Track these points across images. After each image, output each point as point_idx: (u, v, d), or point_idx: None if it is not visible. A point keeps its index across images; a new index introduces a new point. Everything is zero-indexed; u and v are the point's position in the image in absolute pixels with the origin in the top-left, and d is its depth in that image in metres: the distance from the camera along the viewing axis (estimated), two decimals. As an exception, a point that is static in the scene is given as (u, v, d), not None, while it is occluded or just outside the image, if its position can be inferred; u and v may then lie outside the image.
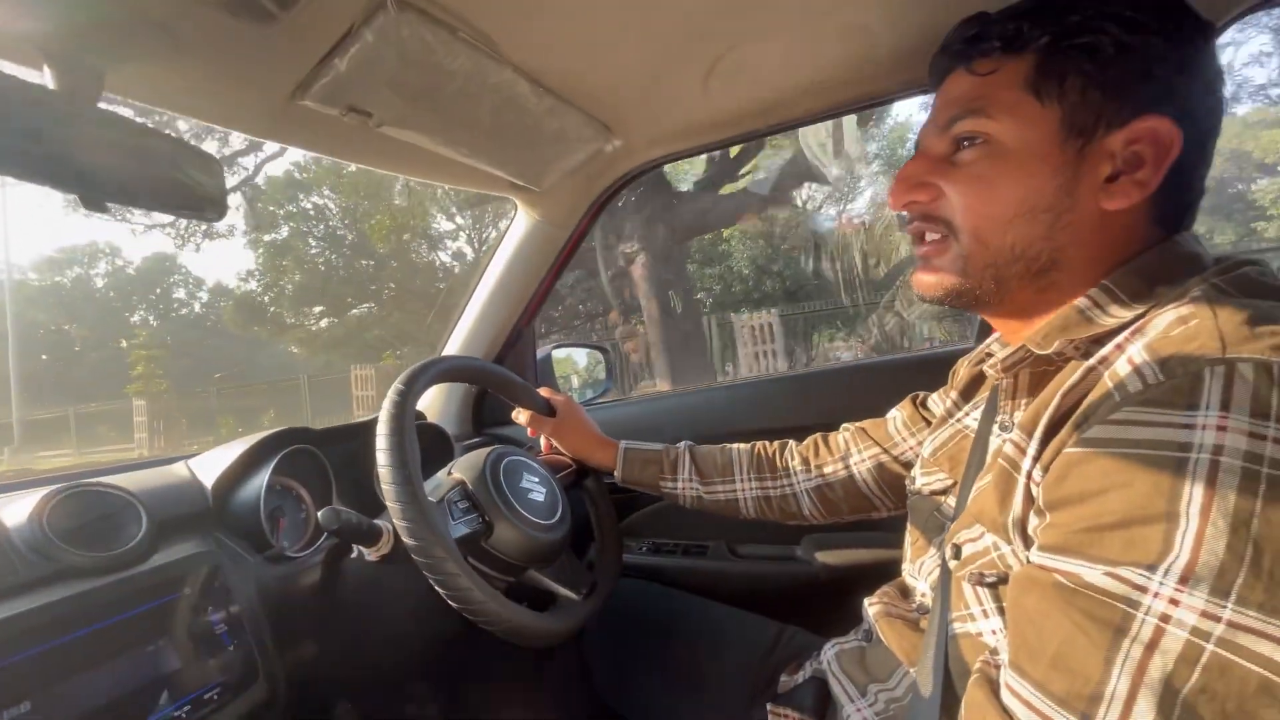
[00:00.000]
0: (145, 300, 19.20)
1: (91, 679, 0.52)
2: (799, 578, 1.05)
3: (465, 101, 0.70)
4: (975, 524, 0.46)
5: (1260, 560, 0.28)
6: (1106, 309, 0.43)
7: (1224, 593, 0.29)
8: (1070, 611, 0.33)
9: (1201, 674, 0.29)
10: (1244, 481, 0.29)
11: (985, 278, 0.48)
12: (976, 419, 0.59)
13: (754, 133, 0.92)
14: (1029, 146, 0.45)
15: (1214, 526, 0.29)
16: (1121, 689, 0.30)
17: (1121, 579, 0.32)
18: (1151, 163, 0.42)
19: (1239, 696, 0.28)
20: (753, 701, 0.77)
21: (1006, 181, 0.46)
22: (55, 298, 18.79)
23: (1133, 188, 0.43)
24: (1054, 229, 0.45)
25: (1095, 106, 0.43)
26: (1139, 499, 0.32)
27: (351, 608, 0.75)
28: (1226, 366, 0.32)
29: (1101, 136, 0.43)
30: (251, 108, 0.64)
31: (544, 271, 1.14)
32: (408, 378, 0.69)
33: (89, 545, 0.58)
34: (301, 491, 0.87)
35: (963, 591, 0.47)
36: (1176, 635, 0.29)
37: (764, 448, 0.87)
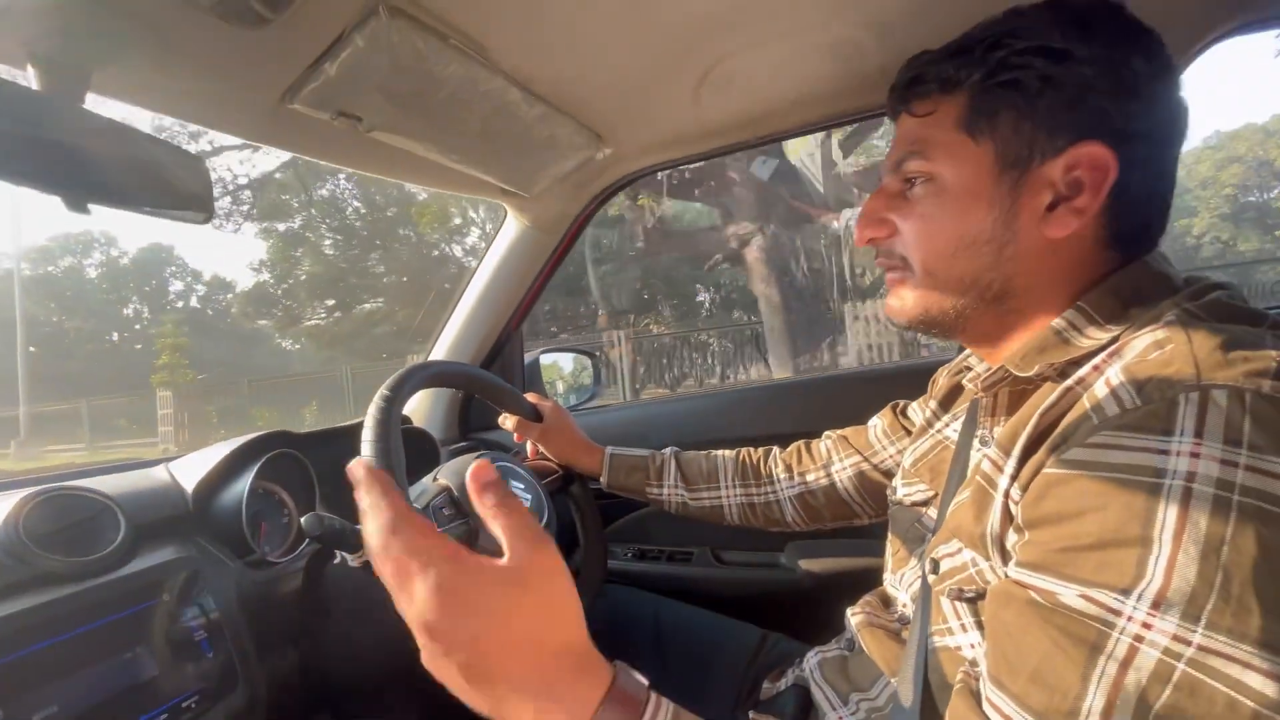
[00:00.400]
0: (163, 291, 18.89)
1: (67, 686, 0.51)
2: (783, 584, 1.05)
3: (456, 108, 0.70)
4: (953, 539, 0.47)
5: (1229, 586, 0.29)
6: (1083, 331, 0.43)
7: (1194, 618, 0.29)
8: (1048, 629, 0.34)
9: (1173, 692, 0.29)
10: (1215, 508, 0.30)
11: (942, 307, 0.50)
12: (956, 430, 0.60)
13: (744, 143, 0.93)
14: (965, 183, 0.47)
15: (1185, 554, 0.30)
16: (1098, 705, 0.31)
17: (1096, 601, 0.32)
18: (1089, 188, 0.43)
19: (1207, 715, 0.29)
20: (736, 707, 0.77)
21: (947, 218, 0.48)
22: (55, 288, 18.41)
23: (1070, 215, 0.44)
24: (999, 260, 0.47)
25: (1027, 138, 0.44)
26: (1114, 522, 0.33)
27: (334, 614, 0.74)
28: (1200, 393, 0.33)
29: (1037, 166, 0.44)
30: (241, 110, 0.64)
31: (532, 277, 1.14)
32: (394, 382, 0.69)
33: (66, 550, 0.57)
34: (284, 496, 0.86)
35: (941, 606, 0.47)
36: (1149, 654, 0.30)
37: (749, 454, 0.87)
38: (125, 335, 19.06)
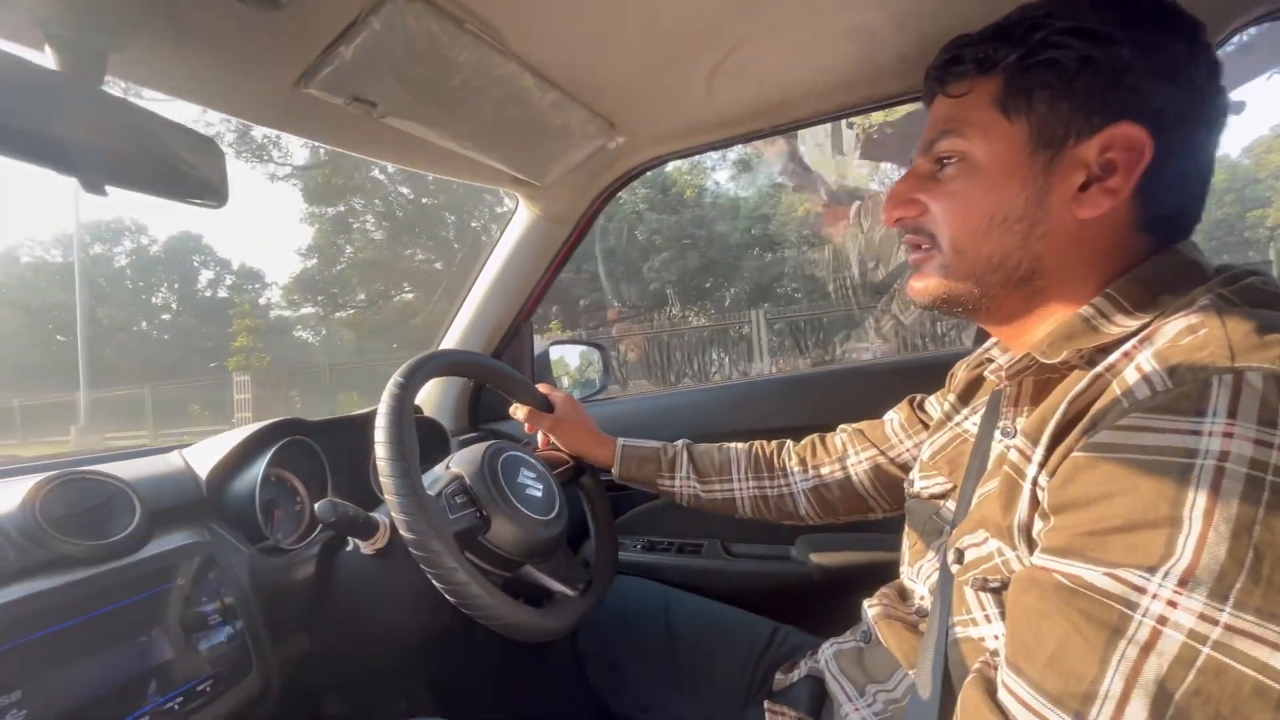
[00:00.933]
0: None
1: (83, 668, 0.51)
2: (793, 578, 1.05)
3: (470, 94, 0.70)
4: (979, 529, 0.46)
5: (1260, 566, 0.29)
6: (1111, 318, 0.43)
7: (1222, 596, 0.29)
8: (1068, 612, 0.33)
9: (1196, 676, 0.29)
10: (1247, 488, 0.30)
11: (968, 286, 0.50)
12: (976, 423, 0.60)
13: (757, 133, 0.92)
14: (998, 161, 0.47)
15: (1216, 532, 0.30)
16: (1116, 689, 0.30)
17: (1121, 580, 0.32)
18: (1123, 170, 0.43)
19: (1233, 699, 0.28)
20: (747, 700, 0.77)
21: (979, 195, 0.48)
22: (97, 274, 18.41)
23: (1103, 196, 0.44)
24: (1029, 238, 0.46)
25: (1063, 118, 0.44)
26: (1143, 503, 0.32)
27: (346, 601, 0.74)
28: (1234, 375, 0.32)
29: (1072, 146, 0.44)
30: (255, 94, 0.64)
31: (543, 267, 1.14)
32: (407, 370, 0.69)
33: (82, 534, 0.58)
34: (296, 484, 0.86)
35: (964, 596, 0.47)
36: (1173, 638, 0.30)
37: (761, 447, 0.87)
38: (160, 321, 19.05)
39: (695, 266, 11.28)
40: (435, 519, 0.59)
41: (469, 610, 0.58)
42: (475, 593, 0.58)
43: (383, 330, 14.34)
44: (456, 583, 0.57)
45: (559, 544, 0.76)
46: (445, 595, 0.58)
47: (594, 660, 0.90)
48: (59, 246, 18.58)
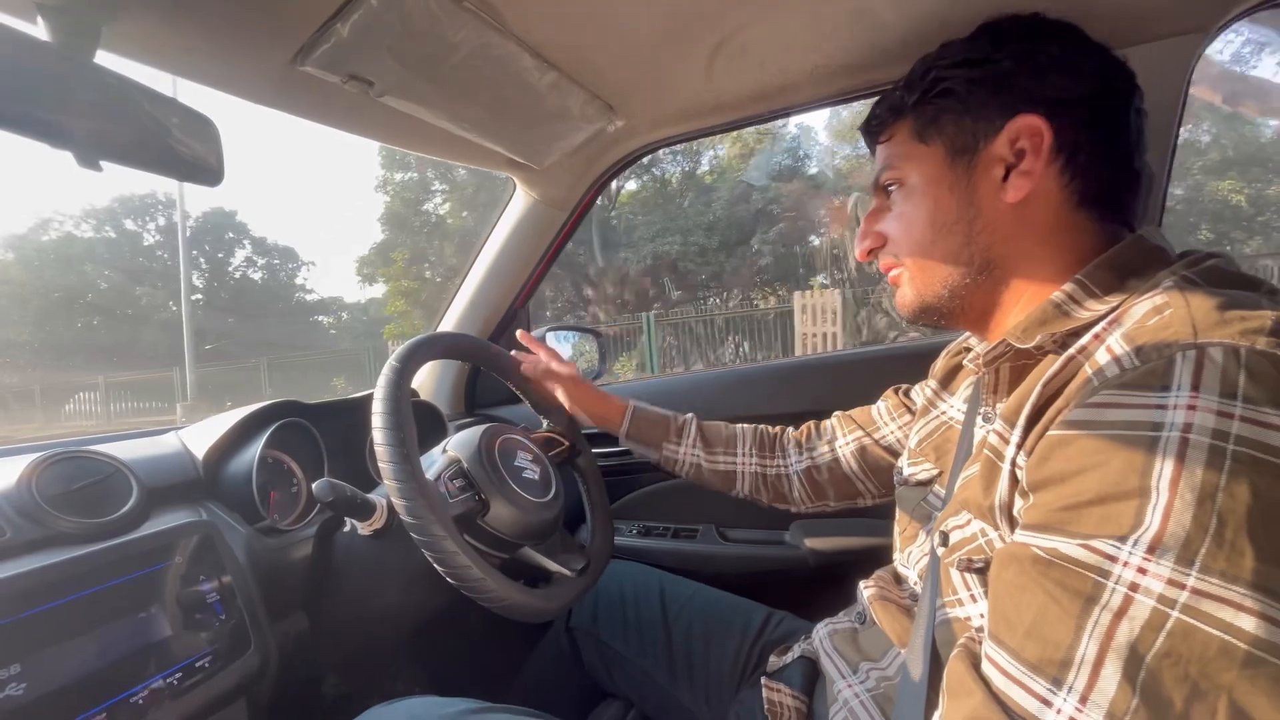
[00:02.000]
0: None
1: (82, 644, 0.51)
2: (787, 563, 1.06)
3: (468, 74, 0.69)
4: (962, 511, 0.47)
5: (1223, 531, 0.30)
6: (1082, 303, 0.45)
7: (1189, 561, 0.30)
8: (1045, 583, 0.35)
9: (1166, 639, 0.30)
10: (1210, 457, 0.31)
11: (936, 290, 0.55)
12: (960, 410, 0.61)
13: (757, 117, 0.92)
14: (926, 177, 0.54)
15: (1181, 500, 0.31)
16: (1090, 654, 0.32)
17: (1094, 550, 0.33)
18: (1031, 152, 0.49)
19: (1200, 660, 0.29)
20: (741, 683, 0.78)
21: (919, 210, 0.55)
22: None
23: (1021, 179, 0.49)
24: (971, 234, 0.52)
25: (969, 129, 0.51)
26: (1114, 476, 0.33)
27: (343, 581, 0.75)
28: (1197, 351, 0.34)
29: (985, 148, 0.51)
30: (251, 71, 0.63)
31: (541, 252, 1.14)
32: (404, 353, 0.69)
33: (79, 511, 0.58)
34: (293, 465, 0.86)
35: (951, 577, 0.48)
36: (1144, 603, 0.31)
37: (766, 429, 0.89)
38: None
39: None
40: (436, 504, 0.59)
41: (469, 592, 0.59)
42: (476, 575, 0.58)
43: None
44: (458, 566, 0.57)
45: (556, 526, 0.77)
46: (446, 578, 0.58)
47: (589, 643, 0.91)
48: (90, 220, 18.08)
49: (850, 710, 0.57)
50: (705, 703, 0.80)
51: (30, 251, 17.26)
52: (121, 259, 17.88)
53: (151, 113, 0.53)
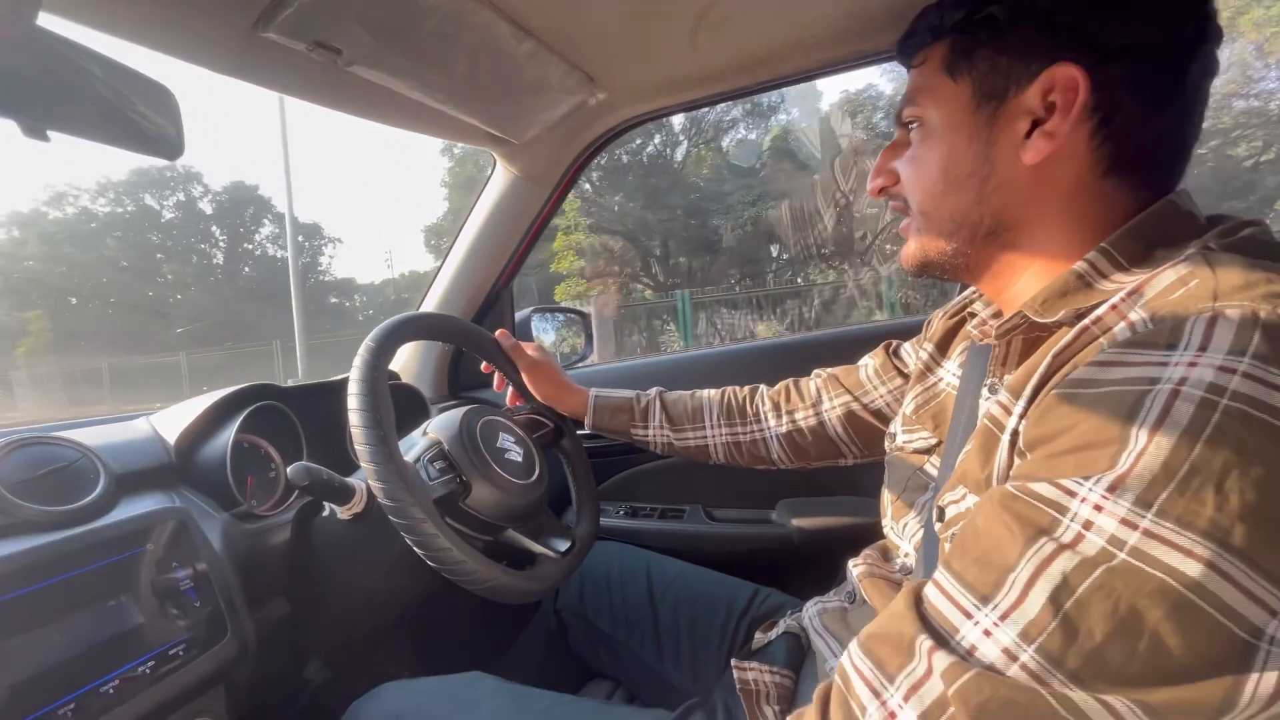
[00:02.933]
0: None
1: (49, 633, 0.50)
2: (774, 541, 1.06)
3: (441, 42, 0.67)
4: (959, 486, 0.46)
5: (1191, 479, 0.29)
6: (1108, 275, 0.42)
7: (1147, 504, 0.29)
8: (1005, 516, 0.34)
9: (1103, 573, 0.30)
10: (1199, 410, 0.30)
11: (940, 245, 0.51)
12: (957, 375, 0.60)
13: (742, 89, 0.90)
14: (946, 121, 0.48)
15: (1156, 445, 0.30)
16: (1023, 576, 0.32)
17: (1058, 486, 0.33)
18: (1061, 110, 0.43)
19: (1133, 595, 0.29)
20: (728, 659, 0.78)
21: (931, 156, 0.50)
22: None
23: (1042, 139, 0.44)
24: (983, 192, 0.47)
25: (1003, 71, 0.45)
26: (1098, 426, 0.33)
27: (323, 566, 0.73)
28: (1212, 313, 0.32)
29: (1014, 96, 0.45)
30: (210, 38, 0.60)
31: (523, 230, 1.11)
32: (380, 334, 0.67)
33: (43, 499, 0.56)
34: (270, 450, 0.84)
35: (945, 552, 0.47)
36: (1093, 541, 0.30)
37: (734, 394, 0.87)
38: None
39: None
40: (414, 486, 0.58)
41: (451, 575, 0.58)
42: (457, 558, 0.57)
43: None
44: (437, 548, 0.56)
45: (540, 507, 0.76)
46: (427, 561, 0.57)
47: (577, 623, 0.91)
48: (105, 195, 17.52)
49: None
50: (693, 680, 0.80)
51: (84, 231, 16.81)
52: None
53: (105, 80, 0.50)
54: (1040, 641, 0.30)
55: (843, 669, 0.38)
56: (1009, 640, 0.31)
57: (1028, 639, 0.30)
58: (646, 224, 12.44)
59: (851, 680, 0.37)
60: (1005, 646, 0.31)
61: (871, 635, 0.38)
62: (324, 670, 0.88)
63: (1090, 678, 0.29)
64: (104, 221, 17.38)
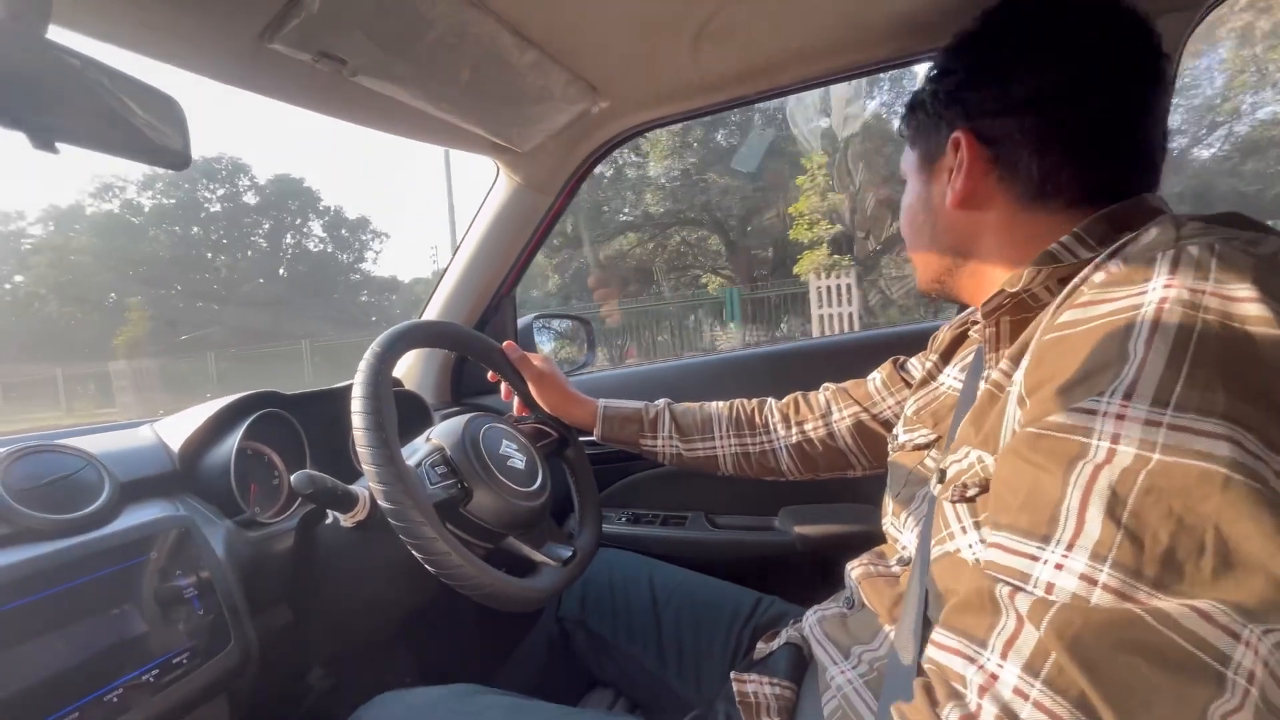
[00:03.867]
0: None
1: (53, 641, 0.50)
2: (776, 548, 1.06)
3: (445, 52, 0.67)
4: (962, 446, 0.47)
5: (1196, 373, 0.31)
6: (1075, 252, 0.47)
7: (1164, 402, 0.31)
8: (1035, 457, 0.35)
9: (1146, 478, 0.30)
10: (1184, 318, 0.33)
11: (928, 275, 0.61)
12: (959, 378, 0.62)
13: (743, 99, 0.90)
14: (911, 178, 0.62)
15: (1156, 352, 0.33)
16: (1074, 504, 0.32)
17: (1077, 409, 0.34)
18: (959, 165, 0.53)
19: (1182, 491, 0.29)
20: (731, 667, 0.78)
21: (905, 206, 0.63)
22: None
23: (954, 186, 0.54)
24: (935, 231, 0.59)
25: (930, 139, 0.58)
26: (1097, 353, 0.35)
27: (326, 574, 0.73)
28: (1175, 249, 0.36)
29: (939, 157, 0.56)
30: (216, 49, 0.61)
31: (525, 239, 1.12)
32: (385, 340, 0.67)
33: (48, 507, 0.56)
34: (274, 457, 0.85)
35: (944, 512, 0.48)
36: (1125, 451, 0.31)
37: (742, 405, 0.88)
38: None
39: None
40: (414, 488, 0.58)
41: (449, 579, 0.58)
42: (455, 562, 0.57)
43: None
44: (436, 553, 0.56)
45: (542, 516, 0.76)
46: (425, 565, 0.57)
47: (579, 631, 0.91)
48: (149, 190, 17.29)
49: (844, 697, 0.56)
50: (696, 688, 0.80)
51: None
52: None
53: (112, 91, 0.51)
54: (1113, 557, 0.30)
55: (929, 657, 0.37)
56: (1083, 565, 0.31)
57: (1100, 559, 0.30)
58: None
59: (942, 660, 0.36)
60: (1081, 572, 0.31)
61: (949, 610, 0.38)
62: (326, 678, 0.87)
63: (1173, 582, 0.29)
64: (152, 214, 17.43)
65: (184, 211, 17.74)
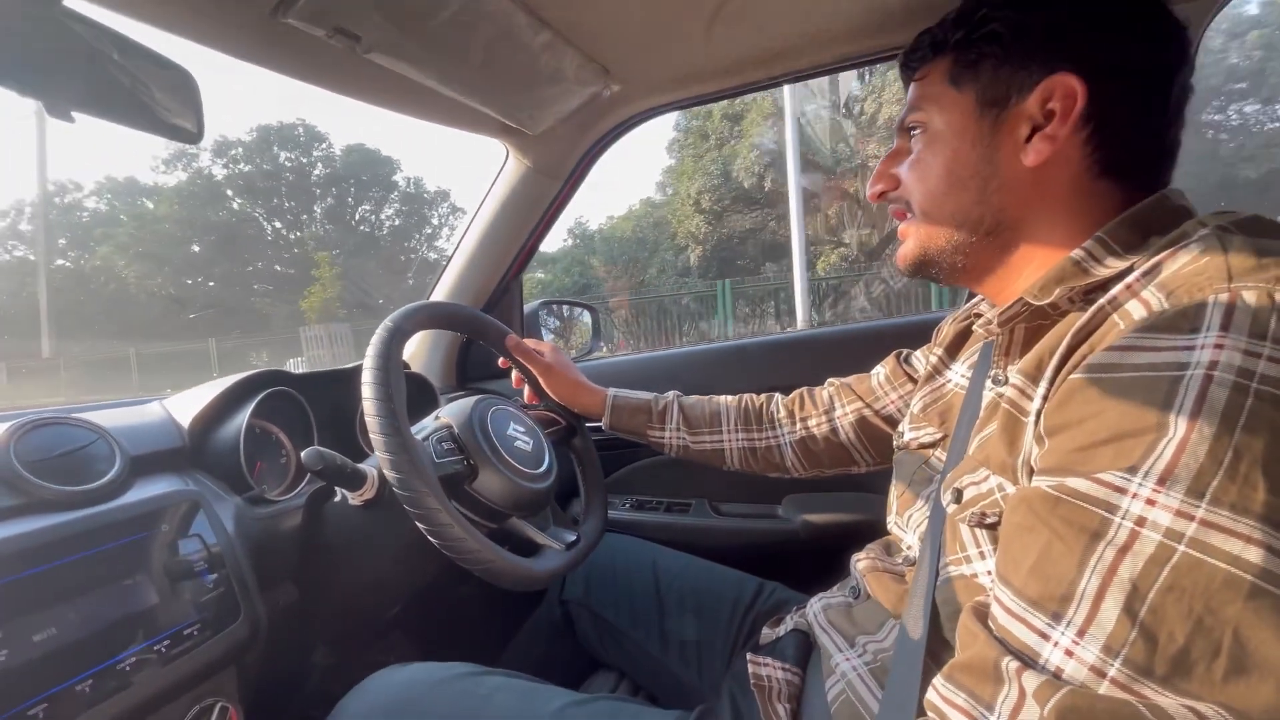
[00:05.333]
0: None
1: (64, 611, 0.50)
2: (780, 535, 1.07)
3: (458, 31, 0.67)
4: (980, 468, 0.47)
5: (1238, 465, 0.29)
6: (1101, 260, 0.44)
7: (1199, 494, 0.30)
8: (1052, 521, 0.34)
9: (1170, 573, 0.29)
10: (1233, 395, 0.30)
11: (939, 245, 0.54)
12: (966, 376, 0.60)
13: (756, 84, 0.90)
14: (951, 126, 0.52)
15: (1199, 433, 0.30)
16: (1091, 588, 0.31)
17: (1103, 483, 0.33)
18: (1060, 116, 0.46)
19: (1205, 593, 0.29)
20: (734, 653, 0.78)
21: (936, 159, 0.53)
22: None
23: (1043, 142, 0.47)
24: (985, 193, 0.50)
25: (1005, 80, 0.49)
26: (1133, 414, 0.33)
27: (333, 552, 0.74)
28: (1230, 294, 0.33)
29: (1015, 104, 0.48)
30: (230, 22, 0.60)
31: (534, 222, 1.11)
32: (397, 316, 0.67)
33: (59, 479, 0.56)
34: (282, 436, 0.85)
35: (959, 533, 0.47)
36: (1149, 538, 0.30)
37: (750, 400, 0.88)
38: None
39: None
40: (420, 459, 0.58)
41: (451, 552, 0.58)
42: (458, 534, 0.57)
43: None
44: (439, 524, 0.56)
45: (547, 499, 0.76)
46: (428, 536, 0.57)
47: (582, 614, 0.91)
48: (223, 156, 17.45)
49: (848, 683, 0.56)
50: (698, 674, 0.80)
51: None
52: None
53: (125, 63, 0.51)
54: (1125, 654, 0.30)
55: (933, 704, 0.38)
56: (1093, 657, 0.31)
57: (1112, 653, 0.30)
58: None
59: (947, 713, 0.36)
60: (1092, 664, 0.31)
61: (956, 666, 0.38)
62: (330, 656, 0.88)
63: (1181, 681, 0.29)
64: (224, 181, 17.51)
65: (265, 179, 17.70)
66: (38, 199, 15.73)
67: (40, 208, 15.48)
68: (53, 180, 17.53)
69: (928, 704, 0.39)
